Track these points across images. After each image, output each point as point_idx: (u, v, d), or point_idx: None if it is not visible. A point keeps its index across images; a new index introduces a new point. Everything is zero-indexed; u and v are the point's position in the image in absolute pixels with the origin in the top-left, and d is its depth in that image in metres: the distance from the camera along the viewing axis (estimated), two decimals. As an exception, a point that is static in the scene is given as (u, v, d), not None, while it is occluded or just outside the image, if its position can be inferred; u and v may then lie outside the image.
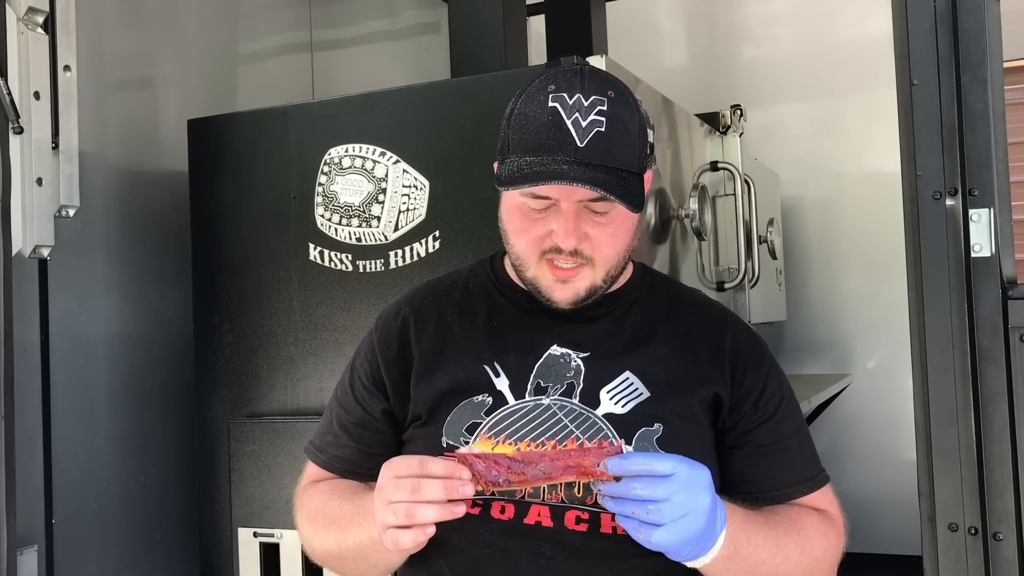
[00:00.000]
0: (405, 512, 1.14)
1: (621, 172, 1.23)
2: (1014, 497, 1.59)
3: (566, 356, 1.34)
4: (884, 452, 4.02)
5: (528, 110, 1.25)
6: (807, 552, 1.28)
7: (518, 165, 1.24)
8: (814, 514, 1.34)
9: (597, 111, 1.22)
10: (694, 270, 2.69)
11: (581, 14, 3.17)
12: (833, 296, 4.19)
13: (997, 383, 1.61)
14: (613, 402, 1.30)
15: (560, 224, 1.26)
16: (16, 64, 2.14)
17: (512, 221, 1.32)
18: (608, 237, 1.29)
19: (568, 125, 1.21)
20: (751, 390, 1.35)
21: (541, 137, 1.23)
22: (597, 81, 1.26)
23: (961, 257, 1.63)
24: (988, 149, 1.62)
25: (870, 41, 3.92)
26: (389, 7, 4.02)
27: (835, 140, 4.19)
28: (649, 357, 1.34)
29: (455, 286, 1.46)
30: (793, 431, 1.37)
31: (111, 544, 2.50)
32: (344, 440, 1.42)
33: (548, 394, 1.31)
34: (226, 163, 2.43)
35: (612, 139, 1.23)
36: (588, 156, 1.21)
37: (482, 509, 1.29)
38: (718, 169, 2.85)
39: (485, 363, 1.34)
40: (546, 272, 1.30)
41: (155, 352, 2.65)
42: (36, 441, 2.26)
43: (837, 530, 1.36)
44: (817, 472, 1.38)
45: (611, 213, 1.27)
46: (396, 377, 1.39)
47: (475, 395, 1.32)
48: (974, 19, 1.63)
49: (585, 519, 1.27)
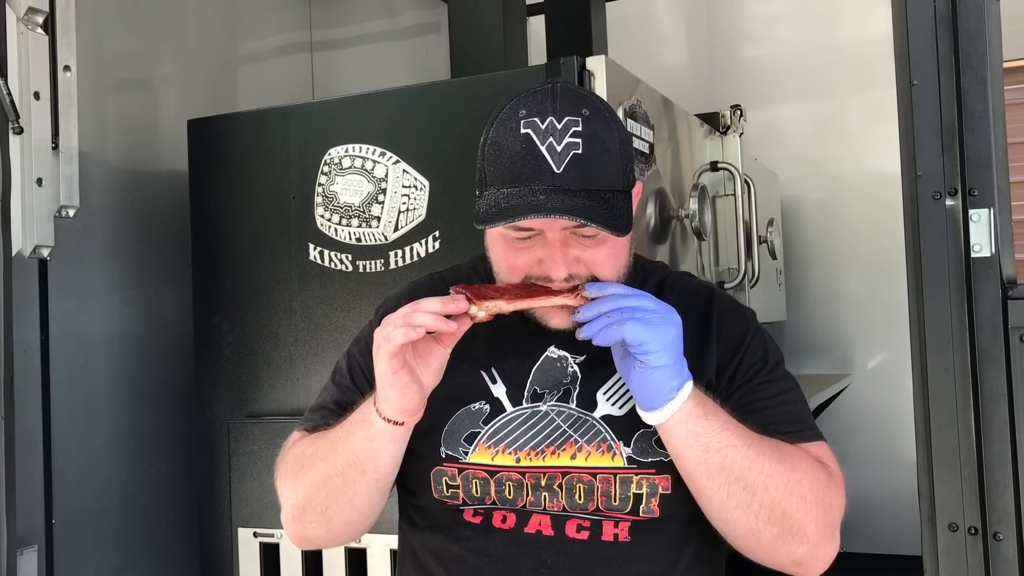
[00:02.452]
0: (403, 319, 1.14)
1: (604, 193, 1.18)
2: (1014, 497, 1.59)
3: (563, 359, 1.32)
4: (884, 452, 4.02)
5: (501, 139, 1.20)
6: (787, 469, 1.19)
7: (495, 199, 1.19)
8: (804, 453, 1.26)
9: (572, 132, 1.17)
10: (694, 270, 2.70)
11: (581, 14, 3.17)
12: (833, 296, 4.19)
13: (997, 383, 1.61)
14: (610, 403, 1.29)
15: (548, 254, 1.22)
16: (16, 64, 2.14)
17: (496, 251, 1.28)
18: (604, 258, 1.24)
19: (543, 151, 1.16)
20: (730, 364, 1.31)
21: (516, 166, 1.18)
22: (569, 100, 1.20)
23: (961, 257, 1.63)
24: (988, 149, 1.62)
25: (870, 41, 3.92)
26: (389, 7, 4.01)
27: (835, 140, 4.19)
28: None
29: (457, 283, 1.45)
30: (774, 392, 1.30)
31: (111, 544, 2.50)
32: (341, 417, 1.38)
33: (545, 400, 1.30)
34: (226, 163, 2.42)
35: (591, 160, 1.17)
36: (567, 182, 1.16)
37: (483, 519, 1.29)
38: (718, 169, 2.85)
39: (482, 368, 1.33)
40: None
41: (155, 352, 2.65)
42: (36, 441, 2.26)
43: (830, 476, 1.25)
44: (805, 428, 1.30)
45: (600, 236, 1.22)
46: None
47: (472, 403, 1.31)
48: (974, 19, 1.63)
49: (586, 527, 1.26)
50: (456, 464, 1.29)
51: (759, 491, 1.17)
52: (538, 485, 1.26)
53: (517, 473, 1.27)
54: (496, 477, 1.28)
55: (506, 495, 1.27)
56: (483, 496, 1.28)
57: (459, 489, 1.29)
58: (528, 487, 1.27)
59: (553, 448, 1.26)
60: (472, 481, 1.28)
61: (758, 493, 1.17)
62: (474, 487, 1.28)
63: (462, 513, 1.30)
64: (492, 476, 1.28)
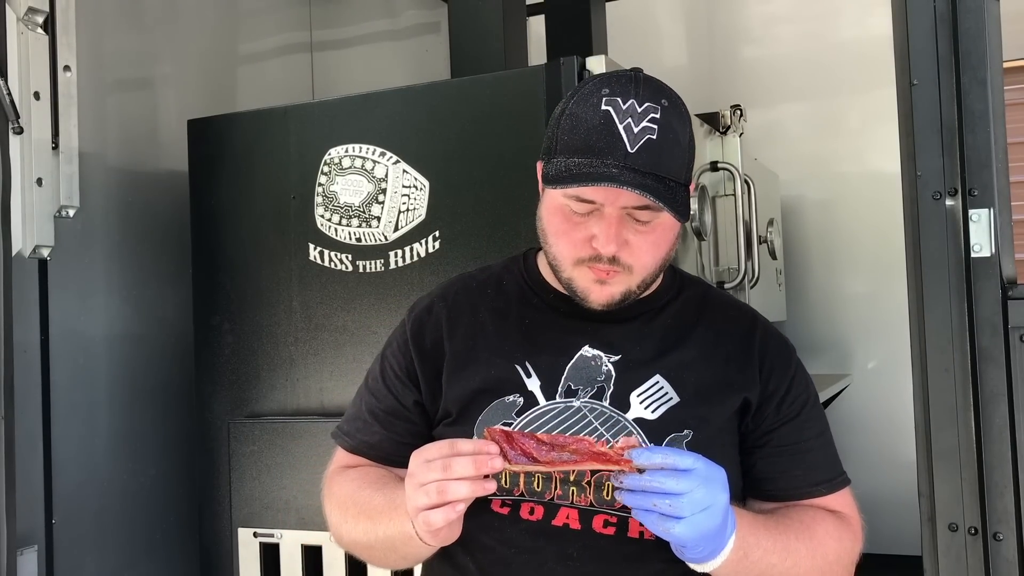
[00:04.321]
0: (437, 490, 1.13)
1: (669, 181, 1.21)
2: (1014, 497, 1.59)
3: (597, 358, 1.33)
4: (884, 452, 4.02)
5: (580, 111, 1.24)
6: (819, 556, 1.27)
7: (566, 165, 1.22)
8: (830, 517, 1.33)
9: (650, 118, 1.21)
10: (694, 270, 2.69)
11: (581, 14, 3.17)
12: (833, 296, 4.19)
13: (997, 383, 1.61)
14: (643, 406, 1.30)
15: (602, 229, 1.24)
16: (16, 64, 2.14)
17: (553, 223, 1.30)
18: (649, 245, 1.27)
19: (620, 129, 1.20)
20: (776, 391, 1.35)
21: (591, 139, 1.21)
22: (651, 88, 1.25)
23: (961, 257, 1.63)
24: (988, 149, 1.62)
25: (870, 41, 3.92)
26: (389, 7, 4.02)
27: (835, 140, 4.19)
28: (679, 361, 1.34)
29: (488, 283, 1.45)
30: (815, 433, 1.37)
31: (111, 544, 2.50)
32: (375, 427, 1.41)
33: (579, 396, 1.31)
34: (226, 163, 2.43)
35: (663, 147, 1.21)
36: (637, 162, 1.19)
37: (511, 510, 1.29)
38: (718, 169, 2.85)
39: (517, 363, 1.34)
40: (585, 272, 1.29)
41: (155, 352, 2.65)
42: (36, 441, 2.26)
43: (853, 533, 1.34)
44: (837, 475, 1.37)
45: (653, 222, 1.25)
46: (429, 371, 1.38)
47: (506, 395, 1.32)
48: (974, 19, 1.63)
49: (613, 523, 1.27)
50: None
51: None
52: (567, 479, 1.27)
53: None
54: None
55: (535, 487, 1.28)
56: (512, 487, 1.29)
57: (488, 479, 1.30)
58: (557, 481, 1.28)
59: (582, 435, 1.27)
60: (502, 472, 1.28)
61: None
62: (503, 477, 1.29)
63: (490, 503, 1.31)
64: None
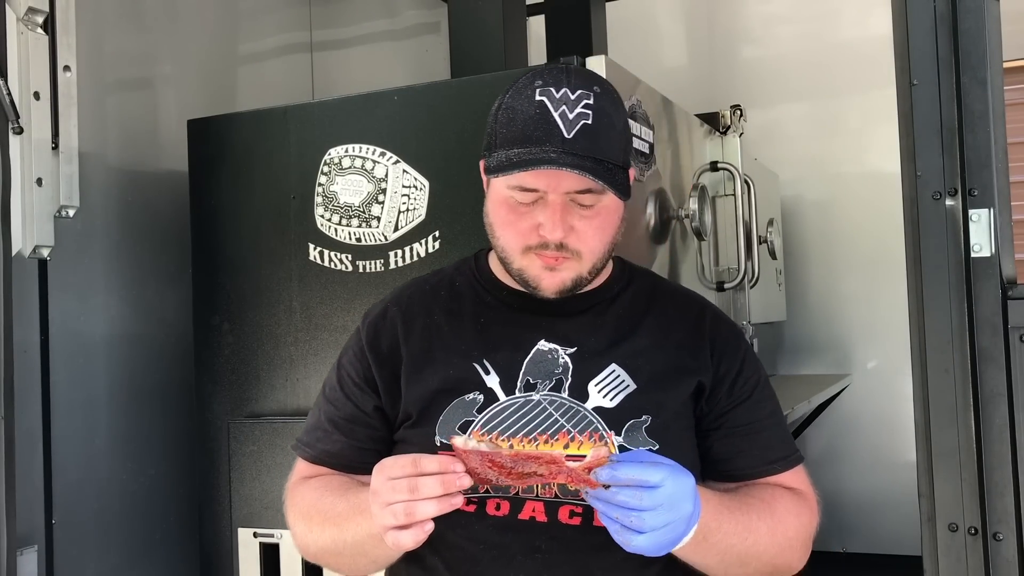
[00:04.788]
0: (404, 511, 1.14)
1: (608, 163, 1.26)
2: (1014, 497, 1.59)
3: (554, 351, 1.36)
4: (884, 452, 4.02)
5: (516, 104, 1.28)
6: (779, 533, 1.30)
7: (506, 156, 1.26)
8: (788, 494, 1.36)
9: (583, 104, 1.25)
10: (694, 270, 2.70)
11: (581, 14, 3.17)
12: (833, 296, 4.19)
13: (997, 383, 1.61)
14: (602, 395, 1.33)
15: (548, 216, 1.28)
16: (16, 64, 2.14)
17: (499, 215, 1.33)
18: (595, 230, 1.30)
19: (555, 117, 1.24)
20: (728, 373, 1.38)
21: (529, 129, 1.25)
22: (583, 77, 1.29)
23: (961, 257, 1.63)
24: (988, 149, 1.62)
25: (870, 41, 3.92)
26: (389, 7, 4.02)
27: (835, 140, 4.19)
28: (633, 349, 1.37)
29: (441, 285, 1.47)
30: (768, 413, 1.41)
31: (111, 544, 2.50)
32: (335, 436, 1.42)
33: (538, 390, 1.33)
34: (226, 163, 2.43)
35: (599, 131, 1.25)
36: (575, 147, 1.23)
37: (477, 506, 1.31)
38: (718, 169, 2.85)
39: (475, 361, 1.36)
40: (533, 260, 1.32)
41: (155, 352, 2.65)
42: (36, 441, 2.26)
43: (810, 508, 1.38)
44: (791, 452, 1.41)
45: (597, 206, 1.29)
46: (387, 375, 1.40)
47: (466, 393, 1.33)
48: (974, 19, 1.63)
49: (579, 512, 1.29)
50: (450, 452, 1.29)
51: (753, 562, 1.29)
52: None
53: None
54: None
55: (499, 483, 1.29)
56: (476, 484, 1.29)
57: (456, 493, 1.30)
58: None
59: (546, 436, 1.29)
60: None
61: (752, 564, 1.29)
62: None
63: None
64: None
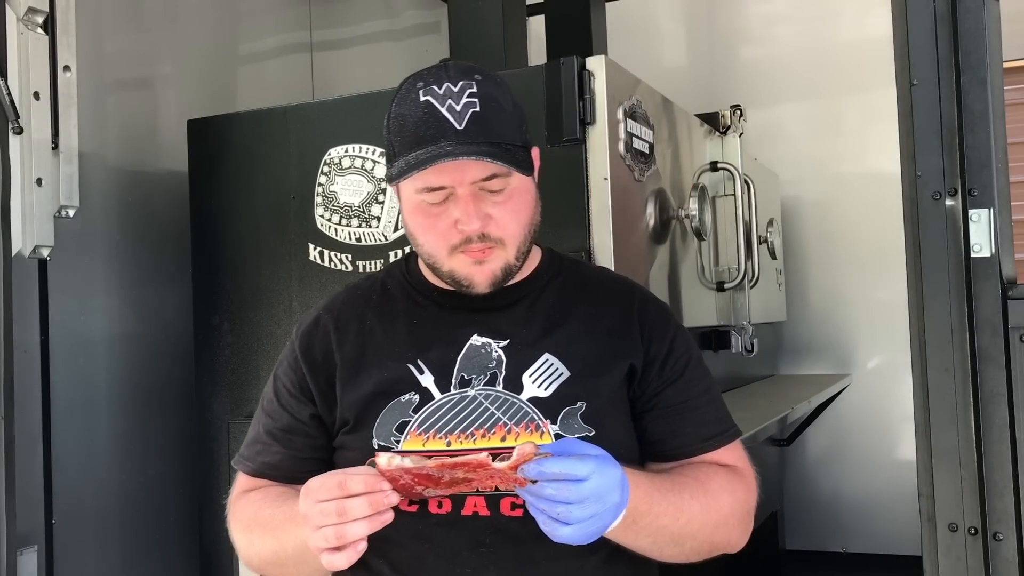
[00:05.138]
0: (335, 534, 1.14)
1: (505, 145, 1.27)
2: (1014, 497, 1.59)
3: (487, 346, 1.36)
4: (884, 452, 4.02)
5: (403, 110, 1.30)
6: (713, 511, 1.31)
7: (405, 161, 1.27)
8: (722, 471, 1.37)
9: (468, 93, 1.27)
10: (694, 270, 2.69)
11: (581, 14, 3.17)
12: (833, 296, 4.19)
13: (997, 383, 1.61)
14: (536, 385, 1.33)
15: (461, 209, 1.28)
16: (16, 64, 2.14)
17: (416, 221, 1.34)
18: (511, 214, 1.31)
19: (443, 112, 1.26)
20: (658, 354, 1.39)
21: (420, 130, 1.26)
22: (461, 69, 1.31)
23: (961, 257, 1.63)
24: (988, 149, 1.62)
25: (870, 41, 3.92)
26: (389, 7, 4.02)
27: (835, 140, 4.19)
28: (565, 337, 1.37)
29: (373, 289, 1.48)
30: (701, 391, 1.41)
31: (111, 544, 2.50)
32: (274, 447, 1.42)
33: (473, 385, 1.34)
34: (226, 163, 2.42)
35: (490, 116, 1.27)
36: (469, 136, 1.24)
37: (420, 507, 1.31)
38: (718, 169, 2.85)
39: (408, 362, 1.36)
40: (461, 259, 1.32)
41: (155, 352, 2.65)
42: (36, 441, 2.26)
43: (746, 484, 1.39)
44: (726, 428, 1.41)
45: (507, 190, 1.30)
46: (322, 383, 1.40)
47: (401, 395, 1.34)
48: (974, 19, 1.63)
49: (520, 504, 1.29)
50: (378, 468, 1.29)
51: (688, 542, 1.30)
52: None
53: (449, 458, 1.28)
54: None
55: None
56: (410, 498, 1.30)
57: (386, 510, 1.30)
58: None
59: (483, 431, 1.30)
60: None
61: (687, 543, 1.30)
62: None
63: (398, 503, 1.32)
64: None
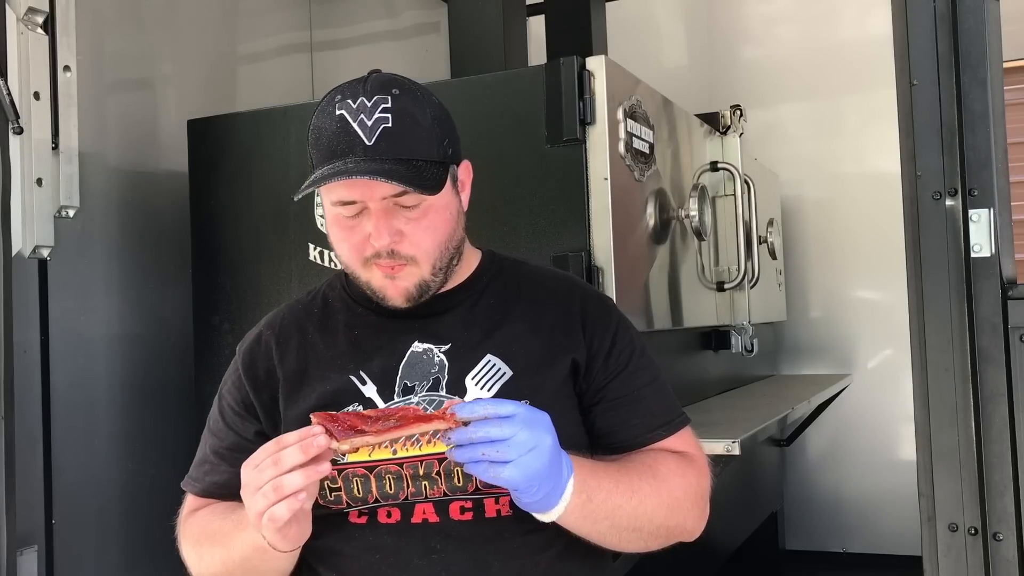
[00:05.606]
0: (273, 487, 1.14)
1: (415, 162, 1.27)
2: (1014, 497, 1.59)
3: (428, 351, 1.37)
4: (884, 452, 4.03)
5: (320, 123, 1.31)
6: (665, 493, 1.31)
7: (313, 176, 1.28)
8: (671, 456, 1.37)
9: (381, 109, 1.28)
10: (694, 270, 2.69)
11: (581, 14, 3.17)
12: (833, 296, 4.19)
13: (997, 383, 1.61)
14: (479, 387, 1.33)
15: (372, 224, 1.29)
16: (16, 64, 2.14)
17: (333, 233, 1.36)
18: (424, 231, 1.31)
19: (355, 127, 1.27)
20: (601, 348, 1.39)
21: (333, 144, 1.28)
22: (380, 83, 1.32)
23: (961, 257, 1.63)
24: (988, 149, 1.62)
25: (870, 41, 3.93)
26: (389, 7, 4.02)
27: (835, 140, 4.19)
28: (507, 337, 1.37)
29: (314, 303, 1.49)
30: (647, 381, 1.41)
31: (111, 544, 2.50)
32: (221, 467, 1.43)
33: (416, 392, 1.34)
34: (226, 163, 2.42)
35: (402, 133, 1.27)
36: (378, 153, 1.25)
37: (369, 517, 1.32)
38: (718, 169, 2.85)
39: (351, 373, 1.36)
40: (375, 272, 1.33)
41: (155, 352, 2.65)
42: (36, 441, 2.26)
43: (697, 468, 1.39)
44: (674, 417, 1.41)
45: (422, 206, 1.30)
46: (265, 399, 1.41)
47: (346, 406, 1.34)
48: (974, 19, 1.63)
49: (469, 507, 1.30)
50: (335, 466, 1.30)
51: (645, 525, 1.31)
52: (417, 475, 1.29)
53: (395, 465, 1.30)
54: (375, 472, 1.30)
55: (387, 490, 1.30)
56: (365, 495, 1.31)
57: (341, 491, 1.31)
58: (408, 478, 1.29)
59: (428, 437, 1.29)
60: (352, 480, 1.30)
61: (644, 528, 1.31)
62: (355, 487, 1.30)
63: (347, 516, 1.33)
64: (371, 472, 1.30)
